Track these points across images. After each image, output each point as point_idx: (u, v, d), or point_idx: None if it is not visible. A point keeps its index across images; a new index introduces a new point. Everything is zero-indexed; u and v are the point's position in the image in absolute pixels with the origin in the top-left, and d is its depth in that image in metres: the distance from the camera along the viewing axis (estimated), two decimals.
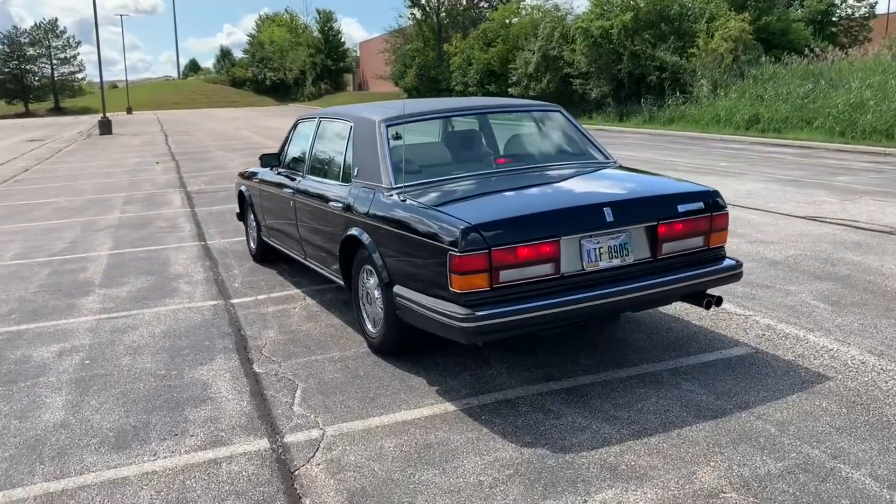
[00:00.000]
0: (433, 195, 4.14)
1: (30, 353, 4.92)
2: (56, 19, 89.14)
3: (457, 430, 3.58)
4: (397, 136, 4.59)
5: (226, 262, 7.39)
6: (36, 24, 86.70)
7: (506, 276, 3.66)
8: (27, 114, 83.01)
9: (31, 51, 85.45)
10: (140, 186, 14.15)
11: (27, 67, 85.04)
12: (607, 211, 3.86)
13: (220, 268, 7.14)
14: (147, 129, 38.92)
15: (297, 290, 6.17)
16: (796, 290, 5.56)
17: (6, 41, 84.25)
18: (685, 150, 17.17)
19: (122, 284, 6.64)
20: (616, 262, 3.91)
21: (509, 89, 38.25)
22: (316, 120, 5.65)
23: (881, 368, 4.06)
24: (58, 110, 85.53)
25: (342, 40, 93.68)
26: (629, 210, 3.98)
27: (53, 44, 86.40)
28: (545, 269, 3.74)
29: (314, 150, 5.53)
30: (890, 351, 4.31)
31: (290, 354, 4.70)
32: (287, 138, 6.23)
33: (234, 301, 5.98)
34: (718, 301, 4.20)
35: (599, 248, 3.87)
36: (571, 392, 3.94)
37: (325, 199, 5.03)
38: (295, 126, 6.11)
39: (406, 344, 4.34)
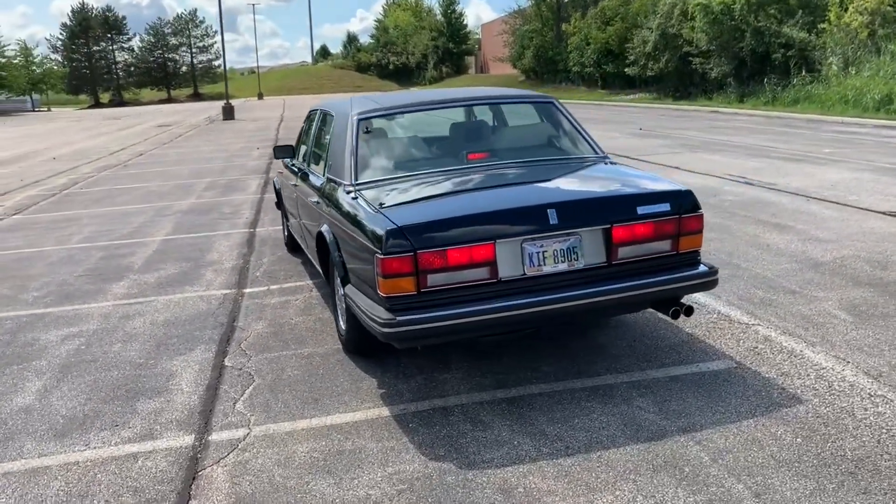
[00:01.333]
0: (384, 193, 4.02)
1: (38, 337, 5.21)
2: (195, 10, 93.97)
3: (378, 437, 3.48)
4: (368, 131, 4.50)
5: (261, 250, 7.56)
6: (178, 15, 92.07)
7: (435, 280, 3.50)
8: (169, 100, 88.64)
9: (173, 40, 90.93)
10: (228, 172, 14.74)
11: (170, 56, 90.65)
12: (551, 212, 3.62)
13: (253, 256, 7.31)
14: (267, 115, 40.53)
15: (309, 282, 6.22)
16: (824, 297, 5.04)
17: (152, 32, 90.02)
18: (794, 136, 16.04)
19: (156, 271, 6.93)
20: (563, 266, 3.67)
21: (626, 69, 37.13)
22: (318, 112, 5.64)
23: (869, 393, 3.61)
24: (196, 96, 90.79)
25: (465, 23, 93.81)
26: (577, 212, 3.71)
27: (193, 33, 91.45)
28: (480, 273, 3.55)
29: (311, 143, 5.54)
30: (892, 373, 3.82)
31: (265, 348, 4.74)
32: (301, 129, 6.27)
33: (247, 290, 6.10)
34: (688, 311, 3.87)
35: (543, 252, 3.64)
36: (515, 402, 3.75)
37: (308, 193, 5.02)
38: (308, 117, 6.13)
39: (366, 345, 4.26)
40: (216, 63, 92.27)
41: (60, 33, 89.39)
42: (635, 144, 15.68)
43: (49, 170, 16.94)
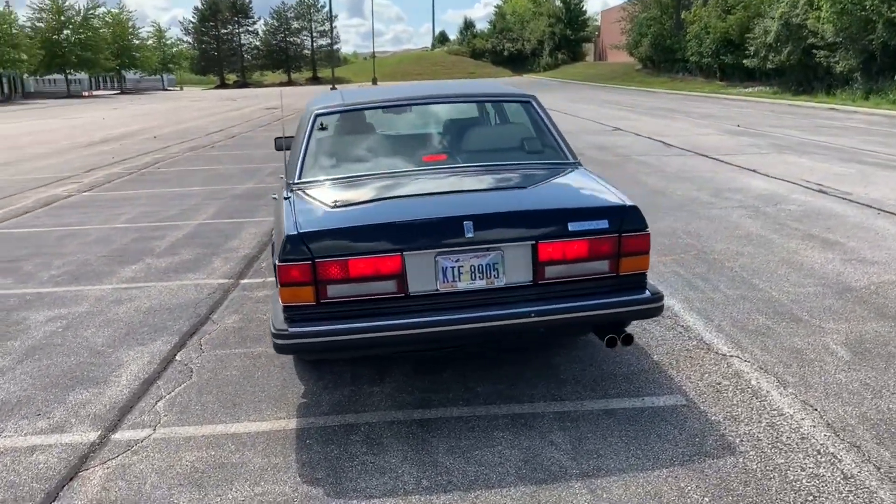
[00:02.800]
0: (314, 195, 3.84)
1: (28, 316, 5.38)
2: None
3: (268, 452, 3.33)
4: (323, 128, 4.34)
5: None
6: (301, 0, 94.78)
7: (336, 291, 3.31)
8: (289, 83, 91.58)
9: (295, 24, 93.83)
10: None
11: (291, 40, 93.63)
12: (467, 225, 3.33)
13: (270, 247, 7.30)
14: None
15: None
16: (831, 329, 4.49)
17: (275, 16, 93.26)
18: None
19: (173, 255, 7.04)
20: (480, 284, 3.38)
21: (745, 61, 35.24)
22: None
23: (817, 450, 3.14)
24: (315, 80, 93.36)
25: (584, 9, 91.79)
26: (498, 225, 3.41)
27: (314, 17, 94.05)
28: (386, 286, 3.33)
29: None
30: (858, 427, 3.32)
31: (222, 344, 4.68)
32: None
33: (243, 281, 6.09)
34: (626, 340, 3.50)
35: (459, 267, 3.37)
36: (426, 425, 3.51)
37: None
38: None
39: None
40: (335, 47, 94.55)
41: (192, 16, 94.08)
42: (723, 143, 14.79)
43: (142, 149, 17.75)
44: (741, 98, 31.50)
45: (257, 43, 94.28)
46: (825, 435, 3.27)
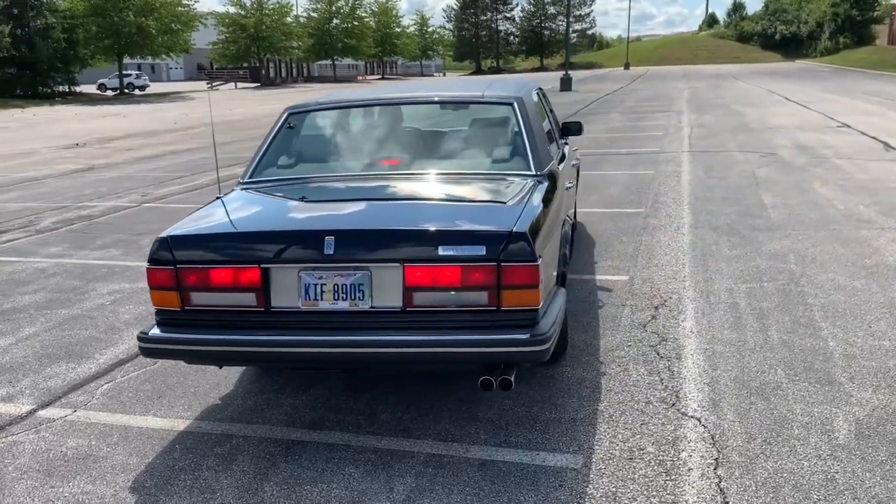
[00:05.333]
0: (242, 198, 3.79)
1: (97, 287, 5.94)
2: None
3: (133, 451, 3.38)
4: (290, 126, 4.26)
5: None
6: None
7: (199, 299, 3.24)
8: (541, 68, 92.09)
9: (551, 9, 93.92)
10: None
11: (546, 25, 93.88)
12: (329, 241, 3.08)
13: None
14: (605, 87, 40.03)
15: None
16: (856, 400, 3.56)
17: (533, 1, 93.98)
18: None
19: None
20: (343, 305, 3.12)
21: None
22: None
23: None
24: (567, 65, 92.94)
25: None
26: (362, 243, 3.11)
27: (572, 1, 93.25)
28: (247, 298, 3.19)
29: None
30: None
31: None
32: None
33: None
34: (503, 384, 3.04)
35: (322, 285, 3.13)
36: (294, 448, 3.34)
37: None
38: None
39: None
40: (590, 32, 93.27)
41: (455, 4, 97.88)
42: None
43: None
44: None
45: (513, 29, 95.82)
46: None
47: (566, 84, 38.53)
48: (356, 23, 73.21)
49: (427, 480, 3.02)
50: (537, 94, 5.16)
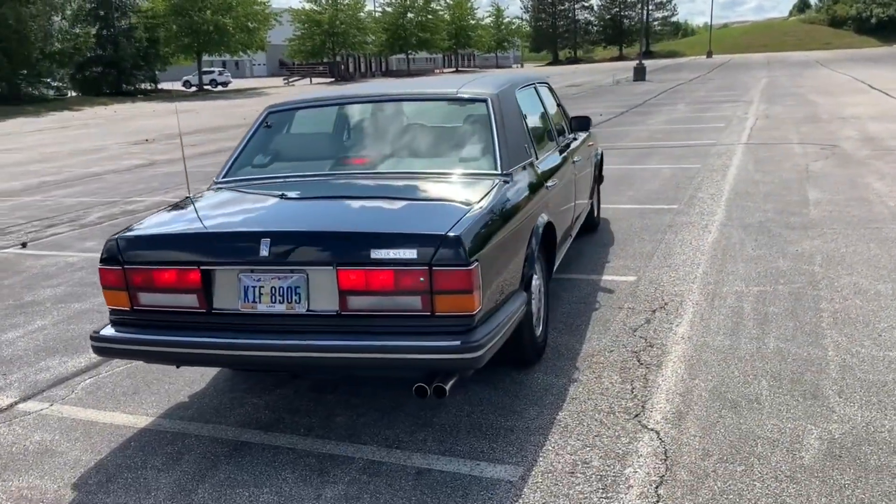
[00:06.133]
0: (214, 196, 3.82)
1: None
2: None
3: (89, 447, 3.43)
4: (268, 125, 4.26)
5: None
6: None
7: (147, 299, 3.27)
8: (620, 57, 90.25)
9: None
10: None
11: (625, 13, 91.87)
12: (265, 243, 3.05)
13: None
14: (683, 76, 38.93)
15: None
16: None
17: None
18: None
19: None
20: (280, 308, 3.09)
21: None
22: None
23: None
24: (647, 54, 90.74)
25: None
26: (296, 245, 3.07)
27: None
28: (189, 300, 3.21)
29: None
30: None
31: None
32: None
33: None
34: (437, 392, 2.96)
35: (260, 288, 3.11)
36: (241, 449, 3.33)
37: None
38: None
39: None
40: (672, 19, 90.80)
41: None
42: None
43: None
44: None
45: (592, 18, 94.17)
46: None
47: (639, 74, 37.66)
48: (430, 16, 73.45)
49: (357, 488, 2.96)
50: (533, 89, 5.00)
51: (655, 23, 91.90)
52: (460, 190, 3.54)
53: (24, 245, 7.68)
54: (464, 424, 3.42)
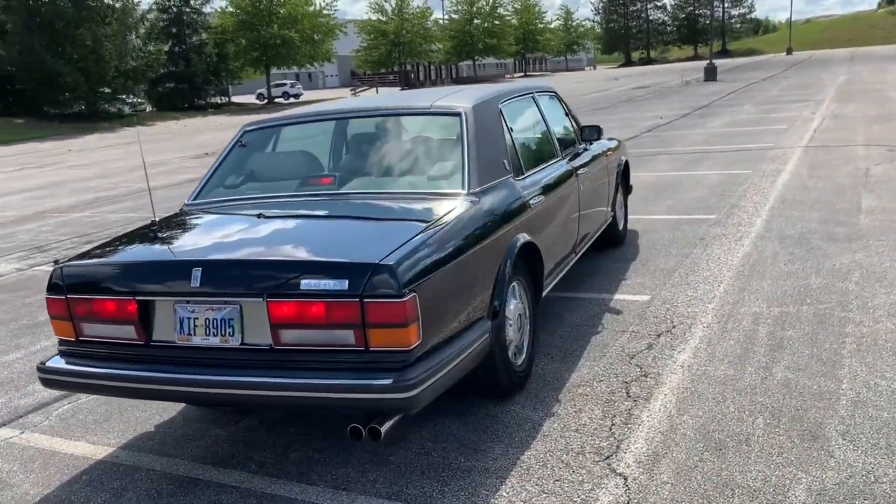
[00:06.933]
0: (175, 221, 3.72)
1: None
2: None
3: (42, 480, 3.35)
4: (243, 145, 4.14)
5: None
6: None
7: (90, 330, 3.18)
8: (695, 57, 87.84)
9: None
10: None
11: (700, 12, 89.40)
12: (196, 272, 2.90)
13: None
14: (752, 76, 37.58)
15: None
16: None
17: None
18: None
19: None
20: (215, 340, 2.93)
21: None
22: None
23: None
24: (724, 53, 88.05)
25: None
26: (227, 275, 2.91)
27: None
28: (127, 331, 3.09)
29: None
30: None
31: None
32: None
33: None
34: (372, 433, 2.74)
35: (195, 319, 2.96)
36: (186, 486, 3.19)
37: None
38: None
39: None
40: (750, 16, 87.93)
41: None
42: None
43: None
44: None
45: (665, 18, 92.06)
46: None
47: (710, 74, 36.47)
48: (497, 22, 73.22)
49: None
50: (530, 100, 4.72)
51: (732, 20, 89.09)
52: (418, 212, 3.32)
53: (56, 262, 7.81)
54: (420, 464, 3.18)
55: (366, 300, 2.67)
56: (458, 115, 3.76)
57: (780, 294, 4.87)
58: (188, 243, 3.40)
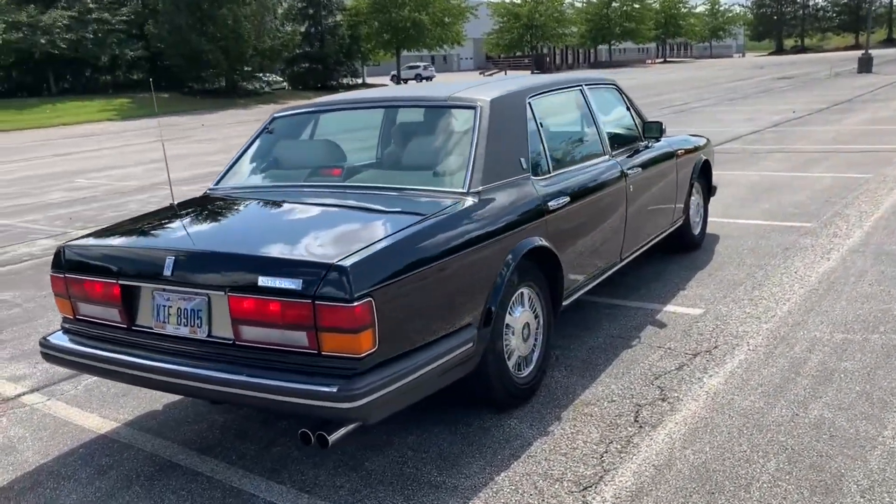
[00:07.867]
0: (189, 206, 3.77)
1: None
2: None
3: (52, 447, 3.48)
4: (270, 131, 4.12)
5: None
6: None
7: (84, 310, 3.26)
8: (856, 46, 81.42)
9: None
10: None
11: None
12: (169, 261, 2.90)
13: None
14: None
15: None
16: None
17: None
18: None
19: None
20: (184, 330, 2.92)
21: None
22: None
23: None
24: (889, 42, 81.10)
25: None
26: (196, 266, 2.88)
27: None
28: (112, 314, 3.14)
29: None
30: None
31: None
32: None
33: None
34: (320, 440, 2.64)
35: (169, 307, 2.96)
36: (165, 470, 3.22)
37: None
38: None
39: None
40: None
41: None
42: None
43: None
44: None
45: (824, 3, 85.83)
46: None
47: (865, 65, 33.79)
48: (637, 5, 70.69)
49: None
50: (577, 93, 4.42)
51: None
52: (407, 210, 3.16)
53: None
54: (391, 473, 3.05)
55: (317, 302, 2.56)
56: (473, 108, 3.55)
57: (850, 318, 4.36)
58: (176, 231, 3.41)
